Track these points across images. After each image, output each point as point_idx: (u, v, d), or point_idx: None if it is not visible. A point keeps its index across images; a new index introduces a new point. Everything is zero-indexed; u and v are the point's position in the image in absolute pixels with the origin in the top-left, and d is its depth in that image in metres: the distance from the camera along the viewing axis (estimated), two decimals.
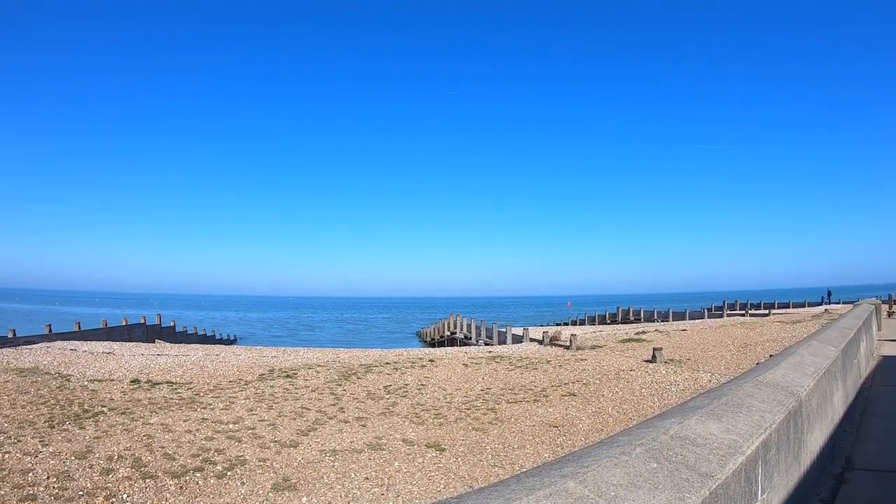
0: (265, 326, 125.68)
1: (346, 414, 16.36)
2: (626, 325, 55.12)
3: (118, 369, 24.18)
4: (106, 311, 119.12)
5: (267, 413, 16.36)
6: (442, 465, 12.04)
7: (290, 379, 21.52)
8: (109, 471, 11.38)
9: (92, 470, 11.43)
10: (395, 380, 21.27)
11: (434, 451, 12.93)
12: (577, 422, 15.25)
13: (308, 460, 12.29)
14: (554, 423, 15.08)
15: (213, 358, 28.07)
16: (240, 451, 12.89)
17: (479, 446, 13.29)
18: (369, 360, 26.33)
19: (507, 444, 13.41)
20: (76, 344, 36.49)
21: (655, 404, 16.65)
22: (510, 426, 14.90)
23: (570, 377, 20.97)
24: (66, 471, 11.31)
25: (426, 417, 15.89)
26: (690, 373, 20.56)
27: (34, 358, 27.20)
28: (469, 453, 12.79)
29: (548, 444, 13.47)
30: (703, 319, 57.34)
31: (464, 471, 11.69)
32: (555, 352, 28.93)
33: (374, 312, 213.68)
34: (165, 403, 17.71)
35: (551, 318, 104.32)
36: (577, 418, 15.59)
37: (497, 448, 13.16)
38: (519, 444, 13.40)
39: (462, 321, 60.21)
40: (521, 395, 18.50)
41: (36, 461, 11.84)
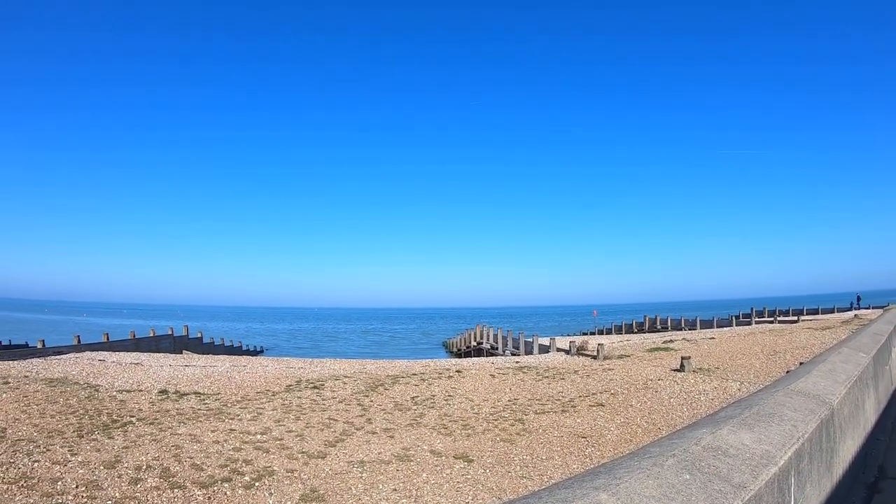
0: (289, 337, 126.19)
1: (374, 425, 16.33)
2: (654, 334, 54.68)
3: (146, 380, 24.31)
4: (134, 323, 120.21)
5: (294, 424, 16.38)
6: (470, 476, 11.97)
7: (318, 390, 21.53)
8: (138, 480, 11.44)
9: (120, 479, 11.49)
10: (422, 391, 21.24)
11: (462, 462, 12.86)
12: (605, 432, 15.13)
13: (336, 471, 12.27)
14: (582, 434, 14.96)
15: (240, 369, 28.15)
16: (268, 461, 12.90)
17: (507, 457, 13.20)
18: (396, 371, 26.30)
19: (536, 455, 13.32)
20: (105, 354, 36.73)
21: (685, 414, 16.48)
22: (538, 437, 14.80)
23: (597, 387, 20.82)
24: (94, 480, 11.38)
25: (454, 428, 15.83)
26: (719, 382, 20.36)
27: (63, 368, 27.41)
28: (497, 464, 12.71)
29: (576, 454, 13.36)
30: (731, 327, 56.71)
31: (492, 482, 11.61)
32: (582, 361, 28.75)
33: (400, 323, 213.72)
34: (193, 414, 17.77)
35: (577, 328, 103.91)
36: (605, 429, 15.46)
37: (525, 459, 13.08)
38: (547, 455, 13.31)
39: (488, 331, 60.05)
40: (548, 405, 18.39)
41: (65, 470, 11.93)
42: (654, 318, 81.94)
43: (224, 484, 11.38)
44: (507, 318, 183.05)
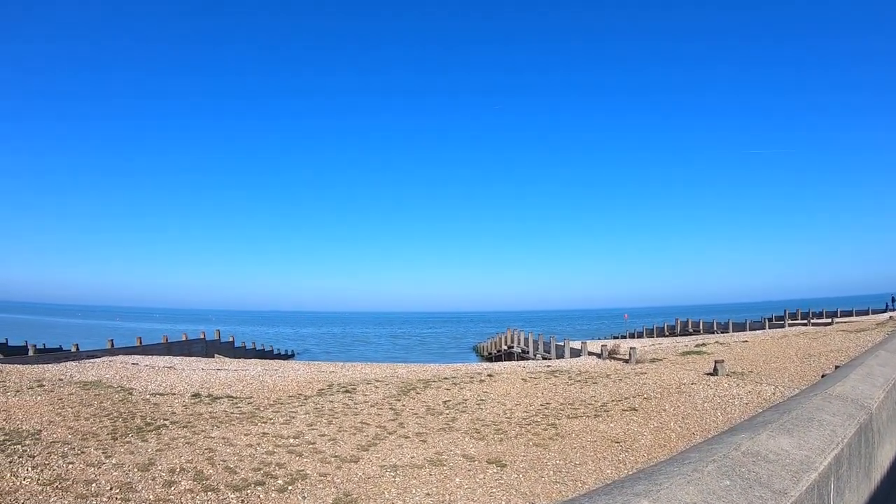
0: (318, 341, 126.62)
1: (406, 429, 16.34)
2: (685, 337, 54.18)
3: (179, 383, 24.48)
4: (165, 327, 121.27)
5: (327, 428, 16.42)
6: (503, 481, 11.92)
7: (350, 394, 21.57)
8: (172, 483, 11.53)
9: (154, 482, 11.59)
10: (454, 395, 21.21)
11: (495, 466, 12.81)
12: (638, 437, 15.00)
13: (369, 475, 12.28)
14: (615, 439, 14.85)
15: (271, 373, 28.27)
16: (301, 465, 12.94)
17: (540, 462, 13.13)
18: (427, 375, 26.28)
19: (569, 460, 13.24)
20: (137, 358, 37.07)
21: (719, 419, 16.30)
22: (571, 442, 14.72)
23: (630, 391, 20.67)
24: (128, 482, 11.48)
25: (486, 433, 15.78)
26: (753, 386, 20.11)
27: (97, 371, 27.69)
28: (530, 469, 12.65)
29: (609, 460, 13.26)
30: (764, 330, 55.99)
31: (525, 487, 11.55)
32: (614, 365, 28.56)
33: (428, 327, 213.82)
34: (226, 417, 17.86)
35: (608, 332, 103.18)
36: (638, 433, 15.33)
37: (558, 464, 13.00)
38: (580, 460, 13.22)
39: (519, 335, 59.85)
40: (581, 409, 18.28)
41: (99, 472, 12.05)
42: (686, 321, 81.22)
43: (257, 487, 11.43)
44: (536, 322, 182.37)
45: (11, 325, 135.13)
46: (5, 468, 12.02)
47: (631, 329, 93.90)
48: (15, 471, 11.87)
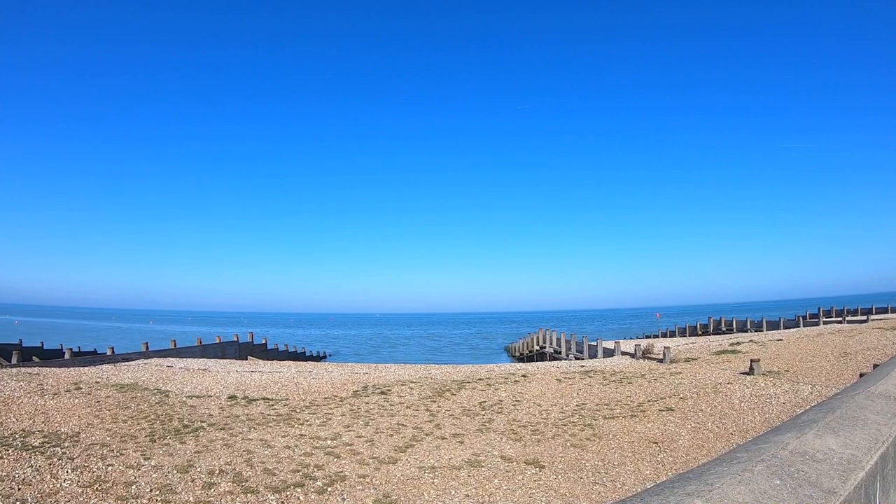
0: (348, 343, 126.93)
1: (443, 430, 16.35)
2: (719, 336, 53.64)
3: (215, 385, 24.66)
4: (198, 330, 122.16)
5: (364, 429, 16.46)
6: (542, 482, 11.87)
7: (385, 395, 21.62)
8: (211, 485, 11.58)
9: (194, 484, 11.65)
10: (489, 395, 21.20)
11: (533, 468, 12.76)
12: (676, 437, 14.89)
13: (407, 477, 12.27)
14: (653, 440, 14.76)
15: (305, 374, 28.38)
16: (339, 466, 12.96)
17: (578, 463, 13.07)
18: (461, 376, 26.28)
19: (607, 461, 13.16)
20: (172, 361, 37.40)
21: (756, 419, 16.15)
22: (608, 442, 14.64)
23: (666, 391, 20.53)
24: (168, 484, 11.56)
25: (523, 434, 15.75)
26: (790, 385, 19.91)
27: (133, 374, 27.96)
28: (569, 470, 12.58)
29: (648, 460, 13.17)
30: (799, 328, 55.35)
31: (564, 488, 11.49)
32: (648, 365, 28.39)
33: (458, 328, 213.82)
34: (263, 419, 17.96)
35: (639, 331, 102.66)
36: (676, 434, 15.22)
37: (597, 465, 12.93)
38: (619, 461, 13.14)
39: (552, 335, 59.64)
40: (617, 410, 18.19)
41: (138, 474, 12.15)
42: (719, 319, 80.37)
43: (297, 489, 11.45)
44: (565, 322, 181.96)
45: (46, 329, 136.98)
46: (45, 470, 12.15)
47: (663, 328, 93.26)
48: (55, 472, 12.00)
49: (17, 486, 11.08)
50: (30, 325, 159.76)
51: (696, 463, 12.26)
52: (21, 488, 11.00)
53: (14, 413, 17.55)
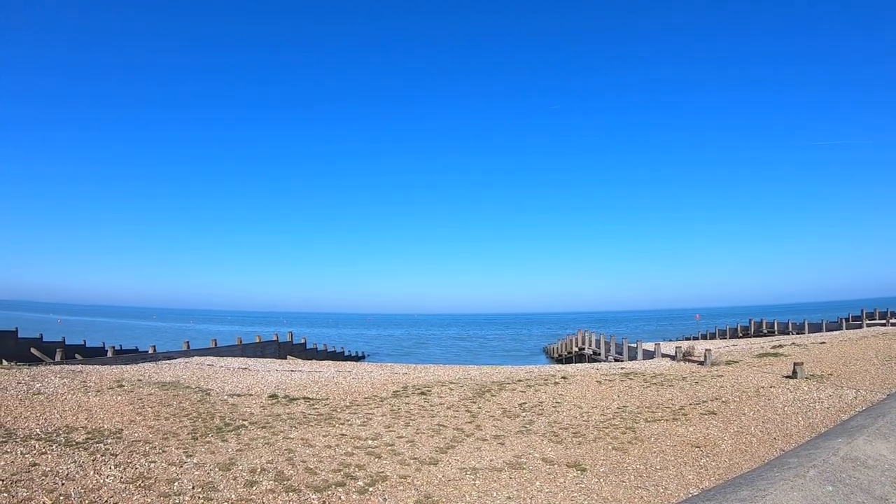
0: (384, 343, 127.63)
1: (484, 432, 16.33)
2: (760, 339, 53.11)
3: (255, 384, 24.90)
4: (238, 329, 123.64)
5: (404, 430, 16.51)
6: (584, 485, 11.78)
7: (425, 396, 21.70)
8: (253, 483, 11.65)
9: (235, 482, 11.72)
10: (529, 397, 21.15)
11: (575, 470, 12.69)
12: (719, 442, 14.72)
13: (448, 478, 12.26)
14: (695, 444, 14.60)
15: (345, 374, 28.54)
16: (380, 467, 12.99)
17: (620, 467, 12.96)
18: (501, 378, 26.26)
19: (649, 465, 13.04)
20: (213, 359, 37.86)
21: (800, 423, 15.91)
22: (650, 446, 14.52)
23: (707, 395, 20.35)
24: (210, 482, 11.64)
25: (564, 436, 15.68)
26: (834, 389, 19.61)
27: (174, 372, 28.33)
28: (610, 474, 12.48)
29: (691, 465, 13.01)
30: (841, 331, 54.56)
31: (606, 492, 11.40)
32: (689, 367, 28.14)
33: (493, 329, 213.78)
34: (304, 418, 18.09)
35: (678, 333, 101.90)
36: (719, 438, 15.05)
37: (639, 469, 12.81)
38: (661, 465, 13.01)
39: (590, 337, 59.52)
40: (658, 413, 18.06)
41: (181, 471, 12.26)
42: (760, 321, 79.50)
43: (338, 489, 11.47)
44: (601, 323, 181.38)
45: (89, 328, 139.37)
46: (89, 466, 12.31)
47: (703, 330, 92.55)
48: (98, 468, 12.14)
49: (60, 481, 11.23)
50: (72, 323, 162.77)
51: (740, 468, 12.17)
52: (65, 483, 11.15)
53: (58, 409, 17.83)
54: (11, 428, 15.30)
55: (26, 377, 22.74)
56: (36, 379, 22.51)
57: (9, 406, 17.69)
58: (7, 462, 12.22)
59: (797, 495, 2.99)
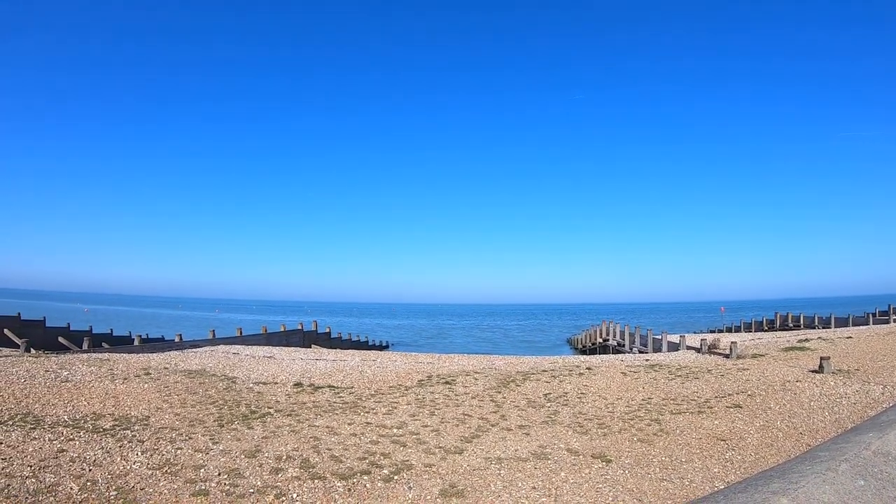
0: (406, 333, 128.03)
1: (509, 422, 16.37)
2: (786, 332, 52.65)
3: (280, 373, 25.08)
4: (263, 318, 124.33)
5: (429, 419, 16.59)
6: (609, 476, 11.77)
7: (450, 385, 21.79)
8: (278, 470, 11.76)
9: (261, 469, 11.83)
10: (553, 388, 21.16)
11: (600, 461, 12.68)
12: (745, 435, 14.62)
13: (473, 467, 12.30)
14: (721, 437, 14.53)
15: (369, 363, 28.67)
16: (405, 455, 13.06)
17: (645, 458, 12.94)
18: (525, 368, 26.30)
19: (675, 458, 13.00)
20: (238, 348, 38.08)
21: (826, 419, 15.77)
22: (676, 438, 14.47)
23: (733, 388, 20.23)
24: (236, 468, 11.76)
25: (589, 427, 15.68)
26: (861, 385, 19.39)
27: (200, 361, 28.57)
28: (636, 465, 12.46)
29: (716, 458, 12.95)
30: (868, 325, 54.04)
31: (631, 484, 11.38)
32: (714, 360, 27.99)
33: (514, 319, 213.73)
34: (329, 407, 18.21)
35: (703, 325, 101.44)
36: (744, 432, 14.96)
37: (664, 461, 12.78)
38: (686, 458, 12.96)
39: (615, 328, 59.44)
40: (683, 405, 17.99)
41: (207, 458, 12.40)
42: (786, 315, 78.92)
43: (363, 476, 11.55)
44: (623, 314, 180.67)
45: (115, 317, 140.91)
46: (116, 452, 12.46)
47: (727, 323, 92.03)
48: (125, 455, 12.29)
49: (88, 467, 11.39)
50: (99, 312, 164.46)
51: (766, 462, 12.12)
52: (92, 469, 11.30)
53: (85, 397, 18.06)
54: (39, 415, 15.52)
55: (54, 365, 23.02)
56: (64, 367, 22.78)
57: (37, 393, 17.92)
58: (35, 448, 12.39)
59: (829, 489, 2.99)
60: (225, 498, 10.14)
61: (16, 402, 16.63)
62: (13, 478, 10.47)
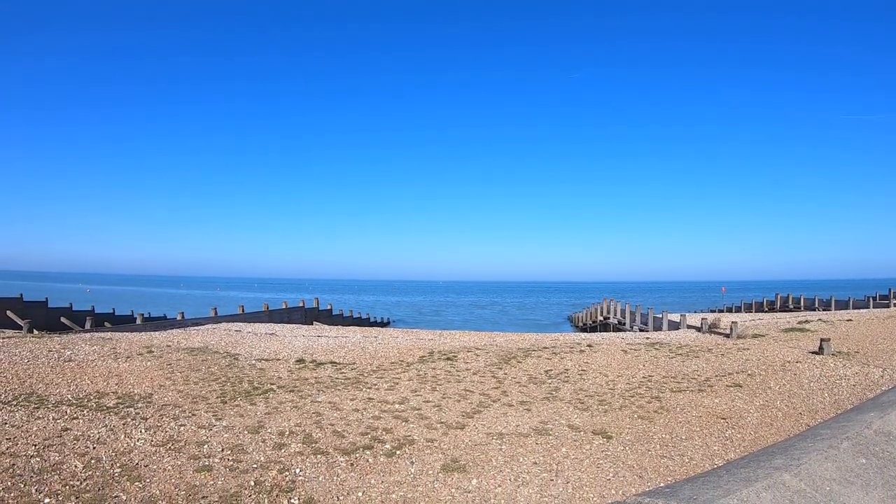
0: (405, 310, 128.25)
1: (510, 398, 16.45)
2: (786, 314, 52.63)
3: (282, 349, 25.15)
4: (264, 296, 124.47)
5: (431, 395, 16.68)
6: (609, 453, 11.86)
7: (451, 361, 21.86)
8: (281, 445, 11.84)
9: (265, 444, 11.90)
10: (554, 364, 21.25)
11: (601, 438, 12.77)
12: (744, 414, 14.70)
13: (475, 442, 12.38)
14: (721, 415, 14.61)
15: (371, 340, 28.75)
16: (407, 430, 13.15)
17: (645, 435, 13.02)
18: (526, 344, 26.39)
19: (675, 435, 13.08)
20: (240, 325, 38.19)
21: (826, 399, 15.85)
22: (676, 416, 14.55)
23: (733, 367, 20.31)
24: (239, 444, 11.84)
25: (590, 404, 15.76)
26: (860, 367, 19.45)
27: (202, 338, 28.65)
28: (636, 442, 12.55)
29: (716, 436, 13.03)
30: (868, 309, 54.09)
31: (632, 460, 11.47)
32: (714, 339, 28.06)
33: (514, 297, 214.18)
34: (331, 382, 18.28)
35: (703, 305, 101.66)
36: (744, 410, 15.04)
37: (665, 438, 12.86)
38: (687, 436, 13.05)
39: (615, 306, 59.60)
40: (684, 384, 18.07)
41: (210, 434, 12.46)
42: (787, 296, 78.98)
43: (366, 451, 11.63)
44: (624, 293, 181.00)
45: (117, 296, 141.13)
46: (119, 430, 12.52)
47: (728, 303, 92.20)
48: (129, 432, 12.35)
49: (92, 445, 11.46)
50: (101, 293, 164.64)
51: (765, 441, 12.21)
52: (96, 447, 11.37)
53: (89, 375, 18.11)
54: (43, 394, 15.57)
55: (57, 345, 23.10)
56: (66, 347, 22.86)
57: (40, 373, 17.97)
58: (39, 427, 12.46)
59: (831, 466, 3.02)
60: (228, 473, 10.21)
61: (20, 383, 16.68)
62: (18, 457, 10.55)
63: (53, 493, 9.04)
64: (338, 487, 9.87)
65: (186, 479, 9.93)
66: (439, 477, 10.44)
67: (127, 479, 9.74)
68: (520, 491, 9.88)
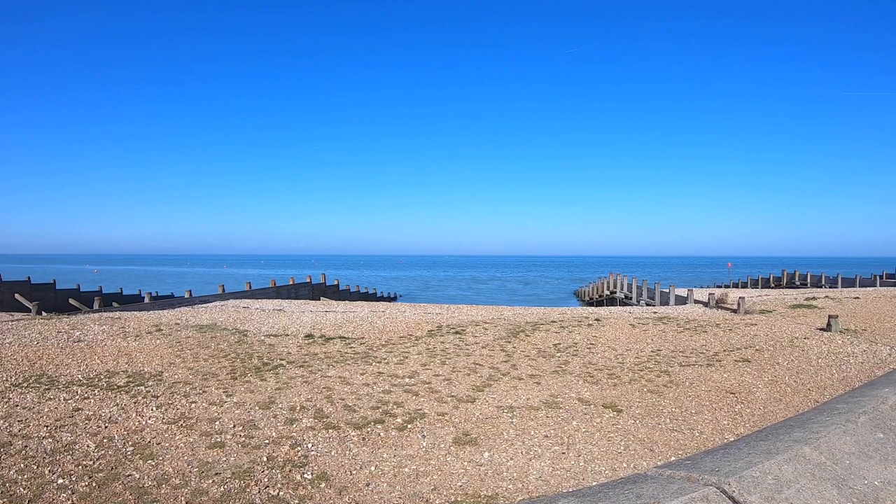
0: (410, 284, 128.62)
1: (519, 371, 16.52)
2: (792, 290, 52.47)
3: (291, 325, 25.22)
4: (272, 272, 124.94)
5: (441, 368, 16.74)
6: (620, 426, 11.93)
7: (460, 335, 21.92)
8: (293, 420, 11.91)
9: (276, 419, 11.99)
10: (563, 338, 21.31)
11: (611, 411, 12.83)
12: (753, 389, 14.75)
13: (486, 416, 12.45)
14: (730, 390, 14.66)
15: (379, 314, 28.80)
16: (417, 404, 13.22)
17: (655, 409, 13.08)
18: (534, 318, 26.39)
19: (685, 409, 13.14)
20: (248, 302, 38.22)
21: (834, 376, 15.88)
22: (685, 390, 14.60)
23: (741, 342, 20.32)
24: (250, 420, 11.92)
25: (599, 377, 15.82)
26: (868, 345, 19.43)
27: (210, 315, 28.69)
28: (646, 416, 12.61)
29: (725, 410, 13.09)
30: (875, 287, 53.89)
31: (642, 433, 11.53)
32: (722, 315, 28.00)
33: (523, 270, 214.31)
34: (341, 357, 18.36)
35: (710, 280, 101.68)
36: (753, 385, 15.09)
37: (674, 412, 12.92)
38: (696, 410, 13.10)
39: (622, 280, 59.61)
40: (692, 358, 18.11)
41: (221, 410, 12.55)
42: (793, 273, 78.82)
43: (377, 425, 11.71)
44: (630, 267, 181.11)
45: (125, 276, 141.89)
46: (131, 408, 12.61)
47: (734, 279, 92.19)
48: (140, 410, 12.45)
49: (104, 424, 11.55)
50: (109, 273, 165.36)
51: (775, 416, 12.28)
52: (108, 426, 11.46)
53: (98, 355, 18.21)
54: (54, 375, 15.65)
55: (66, 326, 23.17)
56: (75, 327, 22.93)
57: (50, 354, 18.04)
58: (51, 408, 12.55)
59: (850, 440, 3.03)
60: (241, 449, 10.29)
61: (30, 365, 16.74)
62: (30, 438, 10.63)
63: (67, 474, 9.10)
64: (350, 462, 9.93)
65: (199, 455, 10.00)
66: (451, 450, 10.51)
67: (140, 458, 9.81)
68: (532, 464, 9.93)
